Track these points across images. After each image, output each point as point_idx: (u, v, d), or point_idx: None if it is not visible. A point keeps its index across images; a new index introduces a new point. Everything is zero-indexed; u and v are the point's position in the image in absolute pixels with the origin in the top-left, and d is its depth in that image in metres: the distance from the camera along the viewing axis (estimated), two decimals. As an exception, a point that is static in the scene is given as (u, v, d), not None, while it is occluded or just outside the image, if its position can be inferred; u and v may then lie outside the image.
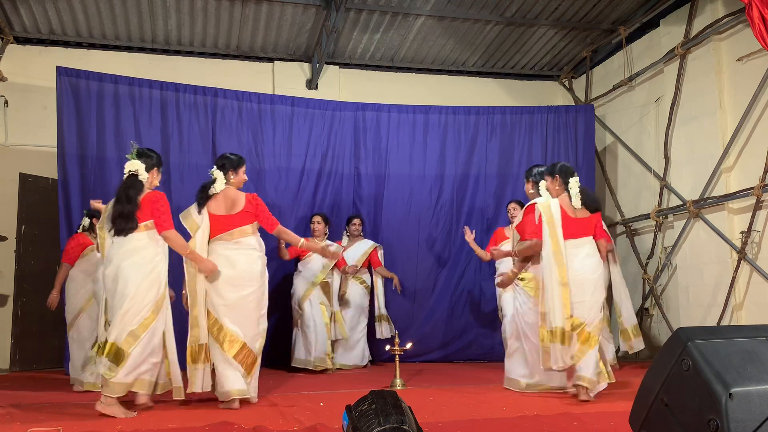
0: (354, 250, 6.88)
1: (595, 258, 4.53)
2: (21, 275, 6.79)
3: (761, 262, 5.80)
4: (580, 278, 4.41)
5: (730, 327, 2.81)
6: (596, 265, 4.52)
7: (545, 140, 7.75)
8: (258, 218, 4.48)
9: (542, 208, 4.51)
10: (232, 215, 4.39)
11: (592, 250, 4.53)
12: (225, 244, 4.35)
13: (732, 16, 6.10)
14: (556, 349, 4.32)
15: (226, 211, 4.40)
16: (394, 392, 2.61)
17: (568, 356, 4.31)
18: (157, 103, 6.74)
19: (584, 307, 4.40)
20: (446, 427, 3.41)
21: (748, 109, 5.98)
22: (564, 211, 4.49)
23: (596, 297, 4.48)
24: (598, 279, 4.52)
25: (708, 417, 1.94)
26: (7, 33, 7.23)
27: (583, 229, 4.53)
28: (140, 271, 3.98)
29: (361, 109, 7.45)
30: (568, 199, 4.53)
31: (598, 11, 7.45)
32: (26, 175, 6.92)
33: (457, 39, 7.95)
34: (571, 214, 4.50)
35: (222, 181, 4.46)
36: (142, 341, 3.92)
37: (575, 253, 4.46)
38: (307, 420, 3.60)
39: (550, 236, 4.44)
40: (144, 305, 3.96)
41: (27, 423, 3.47)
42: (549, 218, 4.46)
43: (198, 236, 4.32)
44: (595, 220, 4.61)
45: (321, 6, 7.16)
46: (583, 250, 4.49)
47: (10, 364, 6.63)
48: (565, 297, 4.35)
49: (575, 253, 4.46)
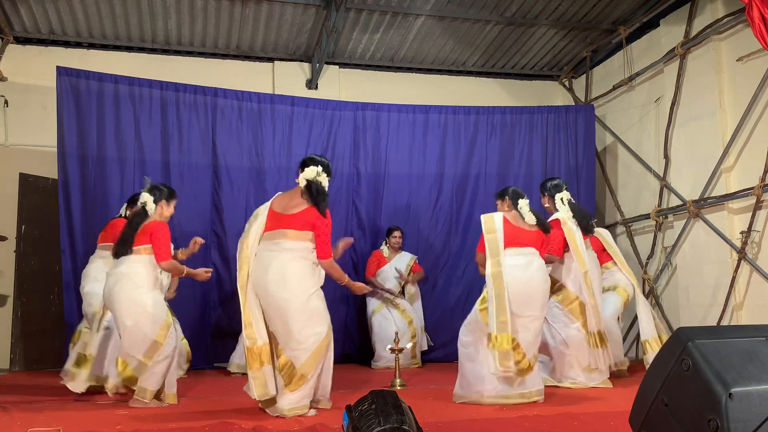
0: (398, 262, 7.01)
1: (544, 272, 4.50)
2: (21, 275, 6.79)
3: (761, 262, 5.80)
4: (526, 290, 4.35)
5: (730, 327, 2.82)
6: (545, 279, 4.49)
7: (545, 140, 7.75)
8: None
9: (484, 220, 4.56)
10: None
11: (541, 263, 4.50)
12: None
13: (732, 16, 6.10)
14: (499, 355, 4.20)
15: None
16: (394, 392, 2.61)
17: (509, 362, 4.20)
18: (157, 103, 6.74)
19: (526, 325, 4.31)
20: (446, 427, 3.41)
21: (748, 109, 5.98)
22: (507, 221, 4.51)
23: (542, 312, 4.44)
24: (545, 294, 4.47)
25: (708, 417, 1.94)
26: (7, 33, 7.23)
27: (530, 240, 4.51)
28: (128, 296, 4.26)
29: (361, 109, 7.45)
30: (515, 214, 4.59)
31: (598, 11, 7.45)
32: (26, 175, 6.92)
33: (457, 39, 7.95)
34: (515, 224, 4.52)
35: None
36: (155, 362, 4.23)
37: (522, 262, 4.41)
38: (307, 420, 3.60)
39: (488, 243, 4.43)
40: (145, 335, 4.23)
41: (27, 423, 3.48)
42: (490, 229, 4.48)
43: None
44: (542, 237, 4.59)
45: (321, 6, 7.16)
46: (533, 262, 4.44)
47: (10, 364, 6.62)
48: (501, 305, 4.25)
49: (522, 262, 4.41)
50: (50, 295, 6.83)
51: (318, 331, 3.86)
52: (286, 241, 3.94)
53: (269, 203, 4.14)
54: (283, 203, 4.08)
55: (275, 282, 3.84)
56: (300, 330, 3.81)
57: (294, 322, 3.81)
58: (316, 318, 3.88)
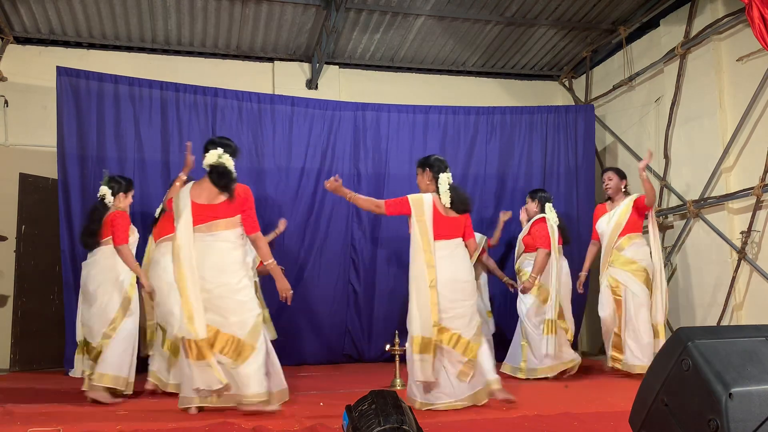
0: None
1: (467, 259, 4.29)
2: (21, 275, 6.79)
3: (761, 262, 5.80)
4: (454, 283, 4.12)
5: (730, 327, 2.82)
6: (471, 269, 4.29)
7: (545, 140, 7.75)
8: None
9: (413, 202, 4.20)
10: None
11: (465, 252, 4.29)
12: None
13: (732, 16, 6.10)
14: (417, 360, 3.98)
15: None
16: (394, 392, 2.61)
17: (430, 369, 3.96)
18: (157, 103, 6.74)
19: (458, 316, 4.09)
20: (446, 427, 3.41)
21: (748, 109, 5.98)
22: (436, 209, 4.20)
23: (471, 302, 4.22)
24: (472, 284, 4.28)
25: (708, 417, 1.94)
26: (7, 33, 7.24)
27: (455, 230, 4.25)
28: (99, 278, 4.69)
29: (361, 109, 7.45)
30: (439, 197, 4.25)
31: (598, 11, 7.45)
32: (26, 175, 6.92)
33: (457, 39, 7.95)
34: (443, 213, 4.22)
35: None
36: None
37: (448, 254, 4.17)
38: (307, 420, 3.60)
39: (420, 234, 4.13)
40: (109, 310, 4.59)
41: (27, 423, 3.48)
42: (419, 214, 4.16)
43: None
44: (465, 220, 4.34)
45: (321, 6, 7.16)
46: (458, 252, 4.22)
47: (10, 364, 6.62)
48: (432, 302, 4.01)
49: (448, 254, 4.17)
50: (50, 295, 6.83)
51: (256, 311, 4.03)
52: (221, 231, 4.04)
53: (188, 197, 4.14)
54: (203, 194, 4.13)
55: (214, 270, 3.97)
56: (239, 312, 3.97)
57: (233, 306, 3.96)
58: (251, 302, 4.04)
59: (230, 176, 4.14)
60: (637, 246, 5.64)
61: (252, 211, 4.16)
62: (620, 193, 5.86)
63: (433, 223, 4.15)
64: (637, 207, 5.68)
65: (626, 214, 5.67)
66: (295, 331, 6.91)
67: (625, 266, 5.60)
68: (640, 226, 5.74)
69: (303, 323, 6.97)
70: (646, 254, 5.63)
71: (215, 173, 4.13)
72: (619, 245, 5.64)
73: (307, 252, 7.08)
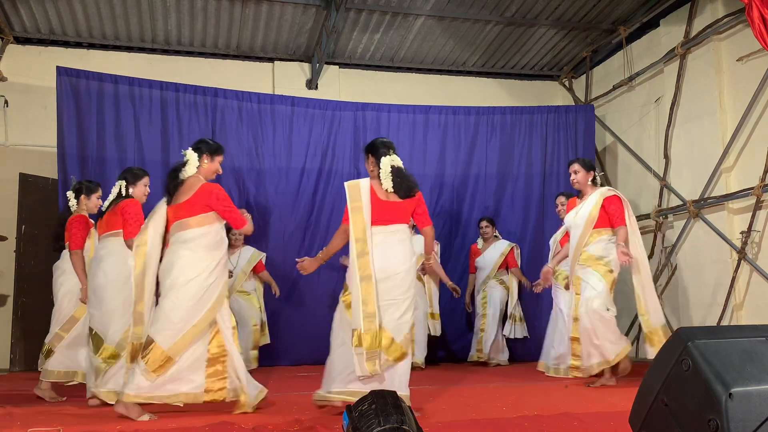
0: (490, 252, 7.01)
1: (405, 248, 3.94)
2: (21, 275, 6.79)
3: (761, 262, 5.80)
4: (388, 272, 3.84)
5: (730, 327, 2.81)
6: (407, 258, 3.92)
7: (545, 140, 7.75)
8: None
9: (348, 188, 3.98)
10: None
11: (403, 240, 3.95)
12: None
13: (732, 16, 6.10)
14: (356, 354, 3.74)
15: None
16: (394, 392, 2.61)
17: (373, 363, 3.72)
18: (157, 103, 6.75)
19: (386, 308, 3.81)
20: (446, 427, 3.41)
21: (748, 109, 5.98)
22: (374, 194, 3.92)
23: (408, 295, 3.89)
24: (407, 273, 3.91)
25: (708, 417, 1.94)
26: (7, 33, 7.24)
27: (395, 216, 3.94)
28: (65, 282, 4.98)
29: (361, 109, 7.45)
30: (379, 182, 3.96)
31: (598, 11, 7.45)
32: (26, 175, 6.92)
33: (457, 39, 7.95)
34: (382, 197, 3.93)
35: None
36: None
37: (382, 240, 3.88)
38: (307, 420, 3.60)
39: (353, 221, 3.88)
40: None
41: (27, 423, 3.47)
42: (354, 200, 3.91)
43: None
44: (413, 206, 4.00)
45: (321, 6, 7.16)
46: (392, 239, 3.91)
47: (10, 364, 6.63)
48: (366, 293, 3.78)
49: (382, 240, 3.88)
50: (50, 295, 6.79)
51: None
52: (188, 230, 3.93)
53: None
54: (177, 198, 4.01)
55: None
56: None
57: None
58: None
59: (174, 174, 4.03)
60: (605, 242, 5.12)
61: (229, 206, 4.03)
62: (587, 186, 5.27)
63: (370, 209, 3.90)
64: (605, 207, 5.14)
65: (597, 209, 5.13)
66: (294, 331, 6.92)
67: (588, 262, 5.12)
68: (606, 222, 5.14)
69: (303, 323, 6.98)
70: (612, 251, 5.07)
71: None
72: (586, 241, 5.15)
73: (308, 252, 7.05)
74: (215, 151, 4.11)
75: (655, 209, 7.12)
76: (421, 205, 4.08)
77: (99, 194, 5.01)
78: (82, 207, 4.93)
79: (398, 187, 3.91)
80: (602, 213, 5.13)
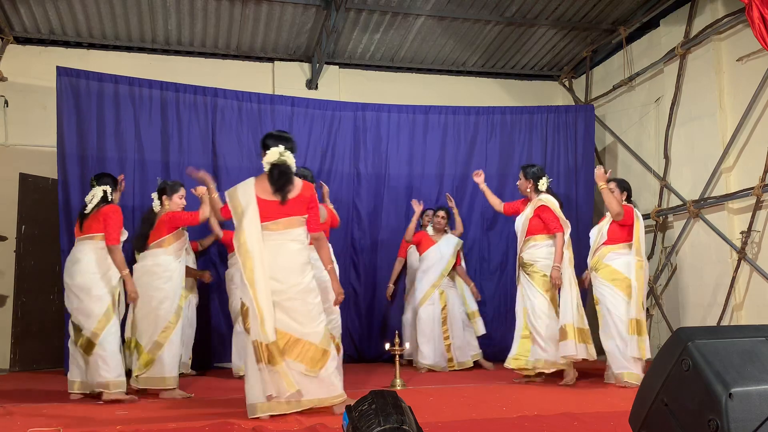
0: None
1: (294, 246, 3.91)
2: (21, 275, 6.79)
3: (761, 262, 5.80)
4: (278, 273, 3.85)
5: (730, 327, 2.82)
6: (293, 258, 3.91)
7: (545, 140, 7.75)
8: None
9: (228, 194, 3.99)
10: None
11: (286, 240, 3.90)
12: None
13: (732, 16, 6.10)
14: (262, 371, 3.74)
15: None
16: (394, 392, 2.61)
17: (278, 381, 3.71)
18: (157, 103, 6.74)
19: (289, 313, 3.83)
20: (446, 427, 3.41)
21: (748, 109, 5.98)
22: (257, 194, 3.91)
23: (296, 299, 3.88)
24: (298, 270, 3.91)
25: (708, 417, 1.94)
26: (7, 33, 7.24)
27: (277, 214, 3.91)
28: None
29: (361, 109, 7.45)
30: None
31: (598, 11, 7.45)
32: (26, 175, 6.92)
33: (457, 39, 7.95)
34: (265, 197, 3.91)
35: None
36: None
37: (273, 241, 3.90)
38: (307, 420, 3.60)
39: (237, 225, 3.92)
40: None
41: (27, 423, 3.48)
42: (235, 207, 3.93)
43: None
44: (298, 204, 3.95)
45: (321, 6, 7.16)
46: (274, 239, 3.88)
47: (10, 364, 6.63)
48: (258, 298, 3.77)
49: (273, 241, 3.90)
50: (50, 295, 6.83)
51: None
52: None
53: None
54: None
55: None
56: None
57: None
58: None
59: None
60: (537, 248, 5.39)
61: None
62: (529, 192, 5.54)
63: (258, 209, 3.88)
64: (538, 213, 5.40)
65: (528, 218, 5.45)
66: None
67: (526, 268, 5.43)
68: (541, 228, 5.39)
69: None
70: (544, 255, 5.35)
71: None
72: (522, 247, 5.48)
73: (308, 252, 7.07)
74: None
75: (655, 209, 7.12)
76: (313, 202, 4.09)
77: (182, 194, 5.13)
78: (166, 206, 5.06)
79: (272, 184, 3.95)
80: (536, 218, 5.43)
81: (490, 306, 7.32)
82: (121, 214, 4.78)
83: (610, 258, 5.31)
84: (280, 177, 3.92)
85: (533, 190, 5.51)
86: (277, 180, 3.92)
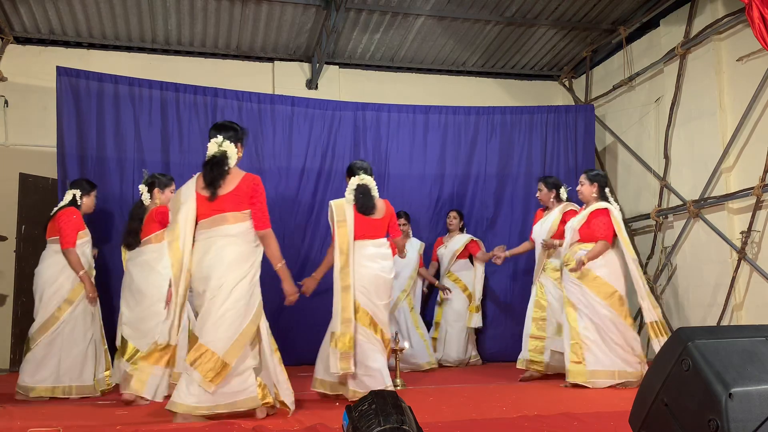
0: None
1: (223, 242, 3.81)
2: (21, 275, 6.78)
3: (761, 262, 5.80)
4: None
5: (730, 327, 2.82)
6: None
7: (545, 140, 7.75)
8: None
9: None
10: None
11: (224, 233, 3.82)
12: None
13: (732, 16, 6.10)
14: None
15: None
16: (394, 392, 2.61)
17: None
18: (157, 103, 6.74)
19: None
20: (446, 427, 3.41)
21: (748, 109, 5.98)
22: (198, 195, 3.89)
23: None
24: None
25: (708, 417, 1.94)
26: (7, 33, 7.23)
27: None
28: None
29: (361, 109, 7.44)
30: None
31: (598, 11, 7.45)
32: (26, 175, 6.92)
33: (457, 39, 7.95)
34: (204, 192, 3.90)
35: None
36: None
37: (362, 254, 4.56)
38: (307, 420, 3.60)
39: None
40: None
41: (27, 423, 3.48)
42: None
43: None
44: (243, 196, 3.90)
45: (321, 6, 7.16)
46: (214, 234, 3.81)
47: (10, 364, 6.63)
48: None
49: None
50: (50, 295, 6.81)
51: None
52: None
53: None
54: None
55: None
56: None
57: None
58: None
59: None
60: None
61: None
62: (551, 201, 5.88)
63: (195, 206, 3.86)
64: (564, 220, 5.59)
65: (557, 223, 5.68)
66: (295, 331, 6.90)
67: (552, 274, 5.66)
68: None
69: (303, 323, 6.96)
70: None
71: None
72: (548, 253, 5.71)
73: (308, 252, 7.07)
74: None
75: (655, 209, 7.12)
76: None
77: (173, 188, 5.07)
78: (157, 200, 5.01)
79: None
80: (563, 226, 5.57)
81: (490, 306, 7.31)
82: (79, 218, 4.91)
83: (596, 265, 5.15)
84: (211, 170, 3.80)
85: (556, 199, 5.83)
86: (208, 174, 3.80)
